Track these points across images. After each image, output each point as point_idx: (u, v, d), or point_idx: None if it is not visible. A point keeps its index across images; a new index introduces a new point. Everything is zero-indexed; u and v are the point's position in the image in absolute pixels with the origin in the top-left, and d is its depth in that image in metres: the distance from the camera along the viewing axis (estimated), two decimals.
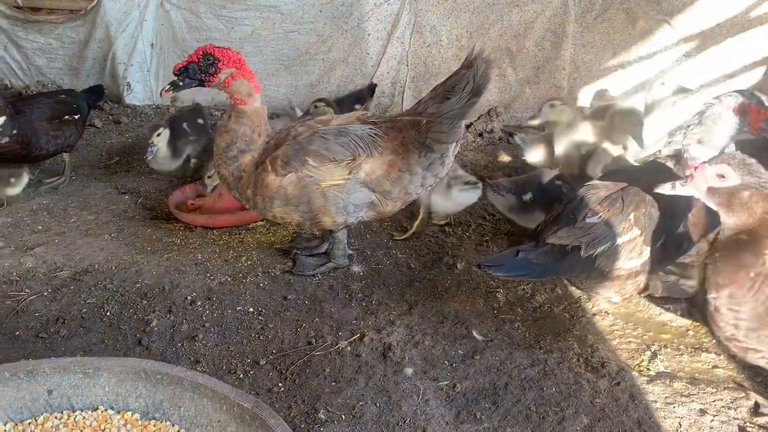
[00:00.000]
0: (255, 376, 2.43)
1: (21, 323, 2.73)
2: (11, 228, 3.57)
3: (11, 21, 5.89)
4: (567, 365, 2.48)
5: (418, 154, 2.76)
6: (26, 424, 2.06)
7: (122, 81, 5.69)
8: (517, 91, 4.96)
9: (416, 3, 4.90)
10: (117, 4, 5.49)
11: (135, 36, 5.59)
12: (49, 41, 5.88)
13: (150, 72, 5.73)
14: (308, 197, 2.79)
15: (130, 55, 5.62)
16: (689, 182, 2.09)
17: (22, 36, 5.92)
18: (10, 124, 3.73)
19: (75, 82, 5.91)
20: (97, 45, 5.71)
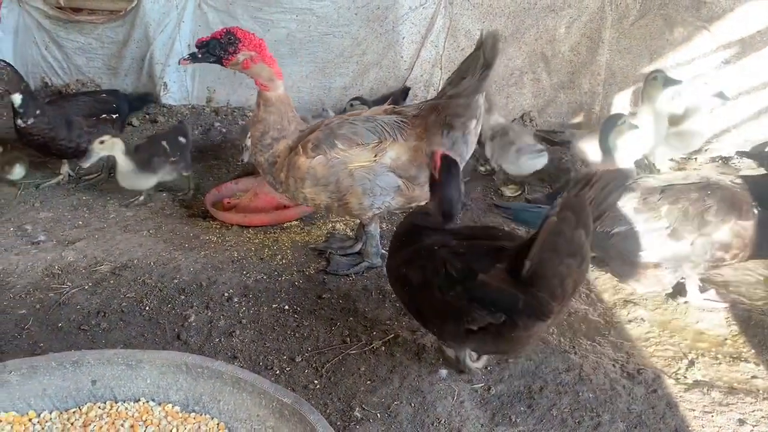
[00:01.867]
0: (291, 373, 2.46)
1: (63, 315, 2.79)
2: (53, 222, 3.66)
3: (53, 21, 6.04)
4: (602, 371, 2.47)
5: (441, 135, 2.82)
6: (71, 412, 2.11)
7: (159, 81, 5.78)
8: (551, 96, 4.93)
9: (452, 7, 4.90)
10: (156, 5, 5.59)
11: (173, 37, 5.68)
12: (89, 41, 6.01)
13: (186, 72, 5.81)
14: (336, 177, 2.88)
15: (168, 56, 5.71)
16: None
17: (63, 35, 6.05)
18: (32, 105, 3.78)
19: (113, 81, 6.02)
20: (135, 45, 5.81)
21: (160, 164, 3.87)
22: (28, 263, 3.19)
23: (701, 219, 2.69)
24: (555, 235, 1.93)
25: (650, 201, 2.74)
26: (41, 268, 3.16)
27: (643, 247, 2.70)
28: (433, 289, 2.19)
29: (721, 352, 2.63)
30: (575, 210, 1.92)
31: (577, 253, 1.95)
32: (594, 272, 3.20)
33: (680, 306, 2.90)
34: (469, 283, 2.10)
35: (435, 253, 2.23)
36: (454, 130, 2.81)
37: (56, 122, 3.88)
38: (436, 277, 2.17)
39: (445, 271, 2.15)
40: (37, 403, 2.11)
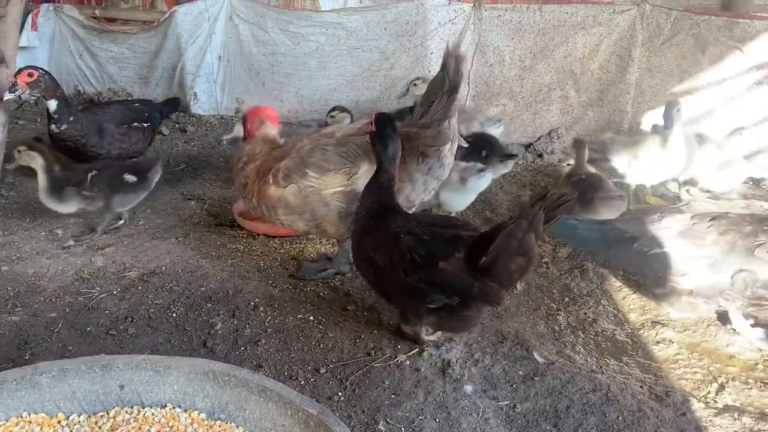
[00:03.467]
0: (316, 384, 2.46)
1: (92, 319, 2.83)
2: (84, 228, 3.71)
3: (88, 30, 6.19)
4: (630, 392, 2.44)
5: (416, 162, 2.90)
6: (99, 416, 2.13)
7: (189, 91, 5.89)
8: (579, 113, 4.92)
9: (481, 23, 4.93)
10: (188, 17, 5.70)
11: (204, 48, 5.79)
12: (122, 50, 6.14)
13: (216, 83, 5.91)
14: (311, 206, 2.94)
15: (199, 66, 5.82)
16: None
17: (97, 45, 6.20)
18: (66, 111, 3.85)
19: (144, 91, 6.14)
20: (167, 55, 5.93)
21: (69, 194, 3.54)
22: (58, 267, 3.24)
23: (749, 254, 2.60)
24: (509, 237, 2.19)
25: (698, 227, 2.67)
26: (71, 272, 3.20)
27: (681, 273, 2.63)
28: (398, 272, 2.41)
29: (752, 377, 2.58)
30: (529, 218, 2.17)
31: (526, 252, 2.23)
32: (621, 291, 3.17)
33: (710, 329, 2.85)
34: (430, 269, 2.34)
35: (401, 239, 2.43)
36: (429, 158, 2.89)
37: (88, 129, 3.95)
38: (402, 262, 2.39)
39: (410, 257, 2.37)
40: (66, 405, 2.13)
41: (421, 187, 2.97)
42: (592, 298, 3.10)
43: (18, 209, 3.98)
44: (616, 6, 4.67)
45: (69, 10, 6.21)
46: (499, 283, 2.28)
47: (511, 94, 5.01)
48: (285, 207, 2.97)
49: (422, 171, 2.90)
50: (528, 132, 4.99)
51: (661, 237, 2.68)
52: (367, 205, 2.65)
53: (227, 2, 5.63)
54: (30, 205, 4.01)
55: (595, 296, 3.12)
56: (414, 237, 2.41)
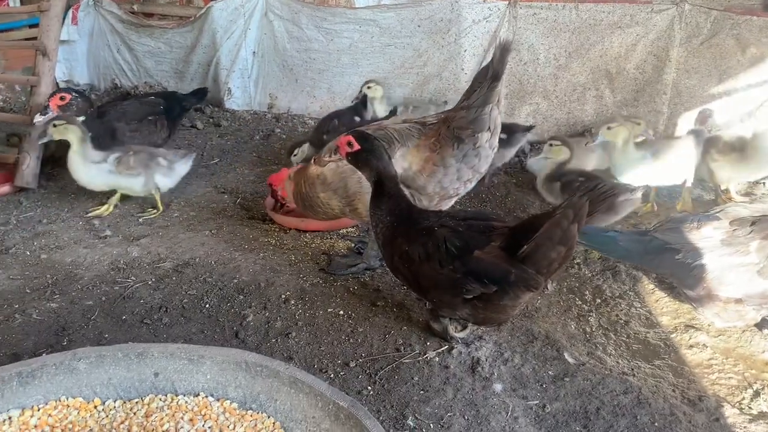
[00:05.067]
0: (345, 377, 2.48)
1: (127, 308, 2.89)
2: (119, 219, 3.79)
3: (126, 25, 6.29)
4: (662, 395, 2.41)
5: (451, 147, 2.87)
6: (134, 402, 2.17)
7: (224, 86, 5.95)
8: (614, 113, 4.85)
9: (516, 21, 4.90)
10: (224, 13, 5.76)
11: (239, 44, 5.85)
12: (159, 45, 6.24)
13: (250, 78, 5.97)
14: (345, 183, 3.02)
15: (233, 62, 5.88)
16: None
17: (135, 39, 6.30)
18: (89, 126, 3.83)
19: (179, 85, 6.23)
20: (202, 50, 6.00)
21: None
22: (95, 257, 3.32)
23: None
24: (555, 226, 2.19)
25: (739, 234, 2.61)
26: (107, 262, 3.27)
27: (727, 282, 2.58)
28: (433, 263, 2.41)
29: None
30: (575, 208, 2.17)
31: (569, 242, 2.23)
32: (654, 294, 3.13)
33: (745, 334, 2.80)
34: (466, 258, 2.34)
35: (435, 232, 2.44)
36: (464, 143, 2.85)
37: (102, 141, 3.91)
38: (437, 253, 2.40)
39: (445, 247, 2.38)
40: (103, 391, 2.18)
41: (455, 175, 2.92)
42: (624, 300, 3.07)
43: (56, 199, 4.07)
44: (654, 5, 4.60)
45: (108, 5, 6.32)
46: (537, 270, 2.28)
47: (544, 93, 4.97)
48: (323, 183, 3.08)
49: (457, 157, 2.86)
50: (561, 131, 4.94)
51: (704, 246, 2.62)
52: (385, 218, 2.61)
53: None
54: (68, 195, 4.11)
55: (627, 298, 3.09)
56: (448, 229, 2.42)
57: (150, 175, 3.75)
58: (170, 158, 3.83)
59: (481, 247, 2.34)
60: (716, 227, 2.66)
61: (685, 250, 2.53)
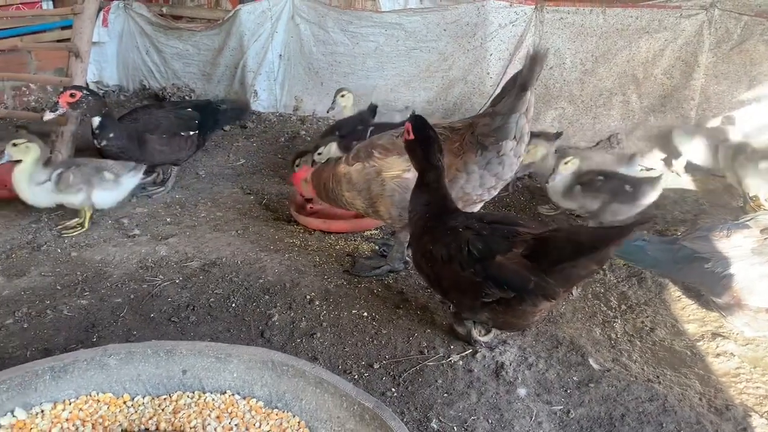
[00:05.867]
0: (369, 379, 2.49)
1: (155, 306, 2.93)
2: (148, 218, 3.85)
3: (155, 27, 6.39)
4: (688, 404, 2.39)
5: (474, 153, 2.86)
6: (162, 399, 2.21)
7: (250, 88, 6.01)
8: (641, 118, 4.82)
9: (542, 25, 4.89)
10: (252, 16, 5.83)
11: (265, 46, 5.91)
12: (187, 47, 6.32)
13: (276, 81, 6.03)
14: (369, 184, 3.05)
15: (260, 65, 5.94)
16: None
17: (163, 41, 6.39)
18: (109, 127, 3.85)
19: (206, 87, 6.31)
20: (229, 53, 6.07)
21: None
22: (124, 255, 3.38)
23: None
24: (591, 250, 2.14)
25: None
26: (136, 260, 3.33)
27: (757, 291, 2.56)
28: (455, 265, 2.40)
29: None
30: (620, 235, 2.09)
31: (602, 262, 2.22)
32: (680, 301, 3.10)
33: None
34: (487, 262, 2.32)
35: (460, 233, 2.43)
36: (487, 151, 2.83)
37: (128, 145, 3.93)
38: (459, 255, 2.39)
39: (468, 250, 2.37)
40: (132, 387, 2.22)
41: (477, 181, 2.91)
42: (649, 307, 3.04)
43: None
44: (683, 10, 4.56)
45: (138, 7, 6.43)
46: (560, 284, 2.26)
47: (570, 98, 4.95)
48: (348, 182, 3.12)
49: (480, 164, 2.86)
50: (587, 136, 4.91)
51: (733, 255, 2.59)
52: (420, 208, 2.64)
53: (290, 2, 5.73)
54: None
55: (653, 305, 3.06)
56: (473, 231, 2.41)
57: (90, 191, 3.61)
58: (116, 171, 3.69)
59: (504, 252, 2.32)
60: (746, 236, 2.63)
61: (714, 259, 2.50)
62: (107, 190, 3.66)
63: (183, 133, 4.18)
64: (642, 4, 4.71)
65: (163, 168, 4.35)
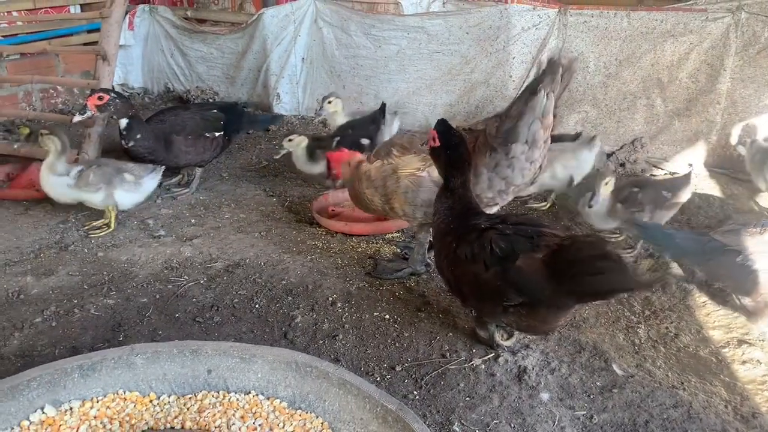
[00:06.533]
0: (391, 381, 2.50)
1: (180, 306, 2.97)
2: (173, 219, 3.90)
3: (180, 30, 6.46)
4: (713, 411, 2.36)
5: (484, 155, 2.88)
6: (187, 398, 2.24)
7: (273, 91, 6.06)
8: (665, 122, 4.77)
9: (566, 29, 4.86)
10: (275, 20, 5.87)
11: (288, 50, 5.95)
12: (211, 50, 6.39)
13: (299, 84, 6.06)
14: (384, 181, 3.10)
15: (283, 68, 5.98)
16: None
17: (188, 44, 6.47)
18: (136, 128, 3.88)
19: (230, 90, 6.37)
20: (253, 56, 6.12)
21: None
22: (149, 255, 3.42)
23: None
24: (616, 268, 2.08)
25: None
26: (161, 261, 3.37)
27: None
28: (478, 265, 2.38)
29: None
30: None
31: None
32: (705, 307, 3.07)
33: None
34: (508, 264, 2.30)
35: (484, 232, 2.42)
36: (496, 153, 2.85)
37: (155, 145, 3.97)
38: (483, 252, 2.37)
39: (491, 248, 2.35)
40: (158, 386, 2.26)
41: (485, 183, 2.92)
42: (674, 313, 3.02)
43: None
44: (709, 13, 4.51)
45: (163, 11, 6.51)
46: (576, 296, 2.24)
47: (594, 102, 4.92)
48: (368, 180, 3.17)
49: (489, 166, 2.87)
50: (610, 140, 4.87)
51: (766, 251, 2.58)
52: (444, 211, 2.64)
53: (313, 5, 5.77)
54: None
55: (677, 311, 3.04)
56: (496, 231, 2.40)
57: (110, 191, 3.67)
58: (137, 173, 3.76)
59: (526, 253, 2.29)
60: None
61: (745, 253, 2.49)
62: (128, 192, 3.71)
63: (208, 135, 4.20)
64: (667, 8, 4.67)
65: (187, 170, 4.40)
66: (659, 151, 4.78)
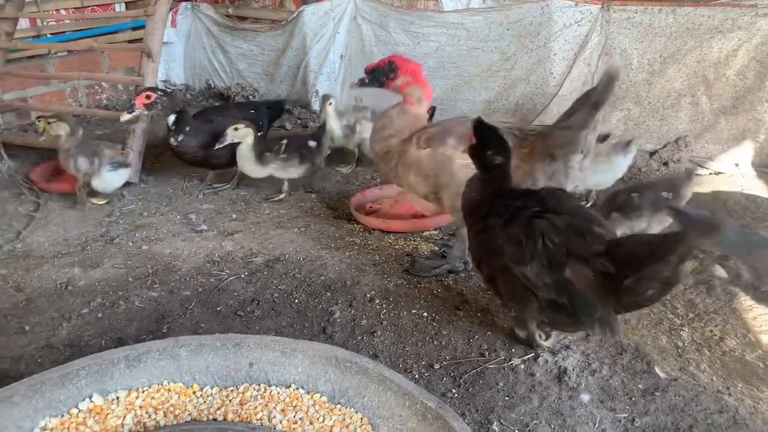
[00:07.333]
0: (429, 379, 2.51)
1: (222, 300, 3.02)
2: (214, 214, 3.96)
3: (221, 28, 6.55)
4: (761, 417, 2.31)
5: (542, 162, 2.87)
6: (229, 390, 2.28)
7: (311, 88, 6.10)
8: (710, 121, 4.65)
9: (608, 25, 4.78)
10: (315, 17, 5.91)
11: (327, 47, 5.98)
12: (251, 48, 6.46)
13: (337, 81, 6.09)
14: (437, 172, 3.02)
15: (321, 65, 6.01)
16: None
17: (229, 42, 6.55)
18: (183, 124, 3.96)
19: (270, 87, 6.43)
20: (292, 53, 6.17)
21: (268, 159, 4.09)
22: (192, 249, 3.48)
23: None
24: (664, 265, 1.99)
25: None
26: (203, 254, 3.43)
27: None
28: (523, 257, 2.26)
29: None
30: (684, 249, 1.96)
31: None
32: (752, 311, 3.00)
33: None
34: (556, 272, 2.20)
35: (532, 222, 2.30)
36: (556, 161, 2.86)
37: (204, 140, 4.05)
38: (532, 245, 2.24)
39: (542, 243, 2.22)
40: (201, 378, 2.30)
41: None
42: (719, 316, 2.95)
43: (155, 194, 4.30)
44: (759, 9, 4.38)
45: (205, 8, 6.60)
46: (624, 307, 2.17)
47: (637, 99, 4.83)
48: (417, 168, 3.08)
49: (546, 173, 2.88)
50: (653, 138, 4.78)
51: None
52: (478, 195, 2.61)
53: (352, 2, 5.79)
54: (166, 191, 4.33)
55: (722, 314, 2.97)
56: (548, 223, 2.27)
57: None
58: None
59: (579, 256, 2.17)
60: None
61: None
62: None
63: None
64: (714, 3, 4.56)
65: None
66: (704, 150, 4.67)
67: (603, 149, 3.87)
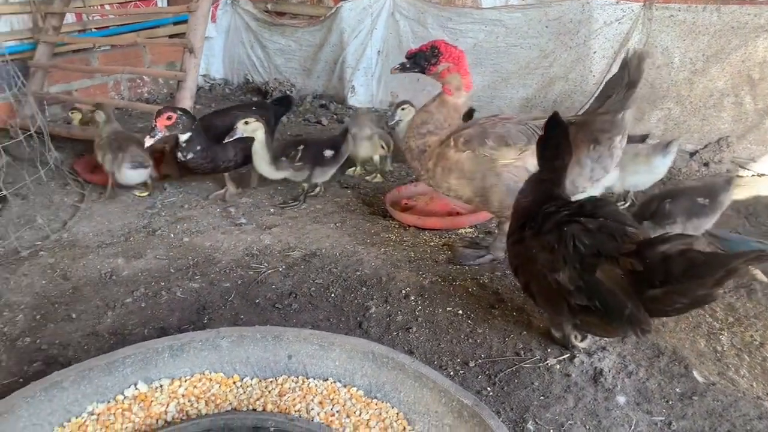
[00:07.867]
0: (465, 377, 2.52)
1: (260, 292, 3.08)
2: (253, 208, 4.03)
3: (260, 23, 6.64)
4: None
5: (587, 148, 2.93)
6: (268, 381, 2.33)
7: (348, 84, 6.14)
8: (754, 121, 4.56)
9: (650, 23, 4.72)
10: (353, 13, 5.94)
11: (364, 43, 6.01)
12: (289, 43, 6.53)
13: (374, 77, 6.13)
14: (482, 174, 3.02)
15: (358, 60, 6.05)
16: None
17: (267, 37, 6.63)
18: (196, 140, 3.81)
19: (306, 82, 6.50)
20: (330, 49, 6.23)
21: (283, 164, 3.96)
22: (231, 242, 3.56)
23: None
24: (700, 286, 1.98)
25: None
26: (242, 248, 3.50)
27: None
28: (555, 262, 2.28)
29: None
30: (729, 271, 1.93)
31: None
32: None
33: None
34: (586, 273, 2.20)
35: (565, 226, 2.31)
36: (600, 145, 2.93)
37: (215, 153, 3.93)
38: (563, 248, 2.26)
39: (573, 245, 2.25)
40: (241, 368, 2.36)
41: (588, 174, 3.00)
42: (759, 321, 2.90)
43: (195, 187, 4.39)
44: None
45: (244, 3, 6.69)
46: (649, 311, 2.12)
47: (678, 98, 4.76)
48: (459, 171, 3.07)
49: (592, 158, 2.95)
50: (694, 138, 4.71)
51: None
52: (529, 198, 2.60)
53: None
54: (206, 184, 4.42)
55: (763, 319, 2.92)
56: (580, 226, 2.29)
57: None
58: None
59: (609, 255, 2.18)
60: None
61: None
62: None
63: None
64: (761, 1, 4.46)
65: None
66: (746, 151, 4.58)
67: (642, 150, 3.80)
